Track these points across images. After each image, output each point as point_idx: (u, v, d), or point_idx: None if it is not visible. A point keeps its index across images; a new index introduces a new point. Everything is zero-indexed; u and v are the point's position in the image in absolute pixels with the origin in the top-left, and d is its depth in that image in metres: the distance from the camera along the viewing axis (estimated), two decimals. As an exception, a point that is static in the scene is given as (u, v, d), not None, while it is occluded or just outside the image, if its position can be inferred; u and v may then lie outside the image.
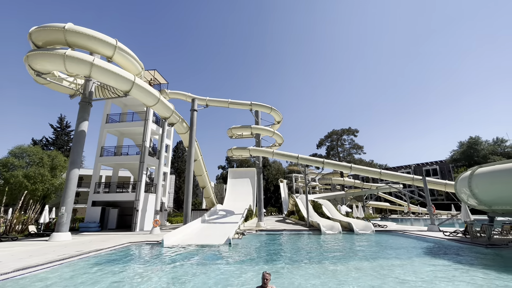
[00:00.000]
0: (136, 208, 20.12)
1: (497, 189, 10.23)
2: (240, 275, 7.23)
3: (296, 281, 6.64)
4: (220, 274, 7.36)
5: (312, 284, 6.38)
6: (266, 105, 24.55)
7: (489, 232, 12.23)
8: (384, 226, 20.40)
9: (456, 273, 7.36)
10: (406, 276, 7.11)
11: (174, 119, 21.21)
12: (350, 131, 55.84)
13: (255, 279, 6.74)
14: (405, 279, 6.79)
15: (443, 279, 6.85)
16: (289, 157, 22.97)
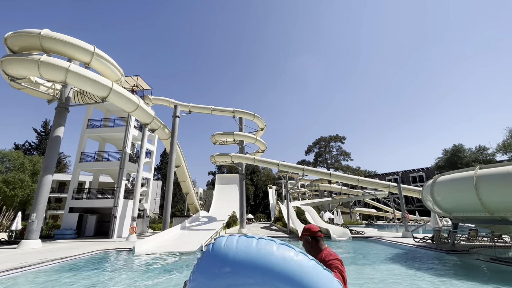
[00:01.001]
0: (114, 215, 19.89)
1: (456, 197, 10.61)
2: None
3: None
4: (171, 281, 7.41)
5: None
6: (249, 112, 24.81)
7: (453, 239, 12.60)
8: (362, 232, 20.67)
9: (406, 278, 7.60)
10: (359, 281, 7.32)
11: (155, 125, 21.22)
12: (338, 138, 56.66)
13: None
14: (356, 283, 6.99)
15: (392, 283, 7.08)
16: (270, 163, 23.18)
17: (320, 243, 2.06)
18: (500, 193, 9.12)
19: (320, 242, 2.06)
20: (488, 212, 9.46)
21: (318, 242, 2.06)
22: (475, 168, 10.00)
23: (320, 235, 2.09)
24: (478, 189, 9.45)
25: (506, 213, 9.12)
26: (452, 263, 9.71)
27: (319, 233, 2.10)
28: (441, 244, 13.15)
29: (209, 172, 78.33)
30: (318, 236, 2.08)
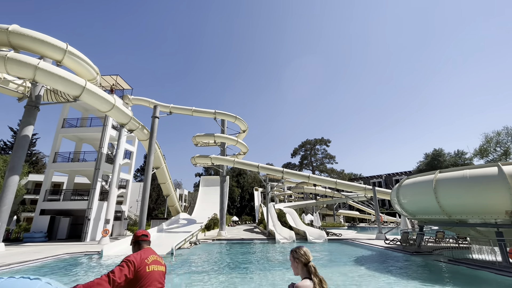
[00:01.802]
0: (87, 217, 19.37)
1: (418, 200, 10.97)
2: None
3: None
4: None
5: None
6: (231, 114, 24.79)
7: (419, 240, 12.97)
8: (339, 234, 20.97)
9: (366, 278, 7.75)
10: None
11: (133, 125, 20.85)
12: (323, 141, 57.44)
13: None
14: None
15: (349, 284, 7.20)
16: (250, 166, 23.21)
17: (141, 246, 2.33)
18: (456, 196, 9.50)
19: (141, 244, 2.33)
20: (446, 215, 9.82)
21: (140, 245, 2.33)
22: (435, 172, 10.37)
23: (143, 239, 2.36)
24: (437, 192, 9.80)
25: (462, 216, 9.49)
26: (412, 264, 10.01)
27: (142, 237, 2.37)
28: (408, 246, 13.52)
29: (196, 174, 77.58)
30: (140, 240, 2.36)
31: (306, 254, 1.94)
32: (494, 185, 8.52)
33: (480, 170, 9.14)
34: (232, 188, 61.48)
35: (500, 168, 8.62)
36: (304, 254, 1.94)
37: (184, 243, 15.88)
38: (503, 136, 47.71)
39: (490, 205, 8.66)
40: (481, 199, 8.86)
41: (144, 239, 2.35)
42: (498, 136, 49.32)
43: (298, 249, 1.98)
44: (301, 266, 1.91)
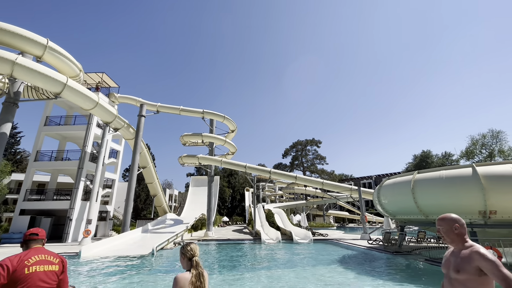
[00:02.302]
0: (69, 217, 18.93)
1: (397, 200, 11.10)
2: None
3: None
4: None
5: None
6: (219, 114, 24.64)
7: (400, 240, 13.11)
8: (325, 235, 21.07)
9: (337, 277, 7.76)
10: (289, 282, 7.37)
11: (118, 124, 20.47)
12: (314, 142, 57.79)
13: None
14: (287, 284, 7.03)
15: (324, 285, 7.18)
16: (237, 166, 23.11)
17: (29, 245, 2.22)
18: (432, 197, 9.63)
19: (29, 244, 2.21)
20: (424, 215, 9.94)
21: (27, 245, 2.22)
22: (414, 173, 10.50)
23: (30, 238, 2.23)
24: (415, 192, 9.92)
25: (438, 215, 9.60)
26: (390, 264, 10.10)
27: (30, 236, 2.25)
28: (390, 246, 13.64)
29: (188, 174, 76.94)
30: (28, 240, 2.24)
31: (192, 250, 2.14)
32: (468, 186, 8.67)
33: (456, 171, 9.29)
34: (223, 188, 61.19)
35: (474, 169, 8.77)
36: (190, 250, 2.14)
37: (167, 244, 15.66)
38: (488, 139, 48.89)
39: (465, 205, 8.81)
40: (456, 199, 9.00)
41: (32, 238, 2.23)
42: (483, 138, 50.54)
43: (186, 245, 2.18)
44: (186, 260, 2.11)
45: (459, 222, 1.97)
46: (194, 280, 1.98)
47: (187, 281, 1.96)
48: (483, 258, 1.72)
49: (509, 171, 8.32)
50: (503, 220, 8.40)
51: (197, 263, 2.08)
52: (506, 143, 46.98)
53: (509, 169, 8.35)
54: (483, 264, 1.71)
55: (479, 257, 1.74)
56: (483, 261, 1.71)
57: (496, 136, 54.73)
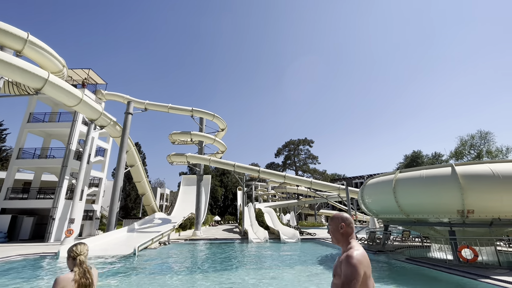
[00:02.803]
0: (52, 217, 18.48)
1: (380, 199, 11.11)
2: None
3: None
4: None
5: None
6: (208, 112, 24.41)
7: (383, 239, 13.15)
8: (313, 234, 21.09)
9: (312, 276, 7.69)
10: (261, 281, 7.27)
11: (104, 121, 20.07)
12: (306, 141, 57.96)
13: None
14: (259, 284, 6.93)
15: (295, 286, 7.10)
16: (226, 164, 22.94)
17: None
18: (413, 196, 9.65)
19: None
20: (405, 214, 9.96)
21: None
22: (396, 172, 10.51)
23: None
24: (396, 192, 9.93)
25: (419, 215, 9.65)
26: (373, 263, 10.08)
27: None
28: (374, 245, 13.67)
29: (180, 173, 76.30)
30: None
31: (76, 250, 2.14)
32: (447, 185, 8.70)
33: (436, 170, 9.32)
34: (215, 187, 60.88)
35: (453, 169, 8.81)
36: (74, 250, 2.14)
37: (151, 243, 15.42)
38: (477, 140, 49.80)
39: (444, 204, 8.84)
40: (436, 198, 9.02)
41: None
42: (472, 139, 51.47)
43: (74, 246, 2.18)
44: (71, 260, 2.11)
45: (346, 221, 1.83)
46: (78, 278, 1.99)
47: (70, 280, 1.97)
48: (345, 262, 1.57)
49: (486, 170, 8.37)
50: (481, 219, 8.45)
51: (81, 261, 2.10)
52: (494, 144, 47.79)
53: (487, 169, 8.40)
54: (343, 268, 1.55)
55: (345, 261, 1.58)
56: (344, 266, 1.55)
57: (484, 137, 55.71)
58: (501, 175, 8.11)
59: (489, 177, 8.21)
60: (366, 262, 1.59)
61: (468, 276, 7.08)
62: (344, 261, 1.58)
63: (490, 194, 8.17)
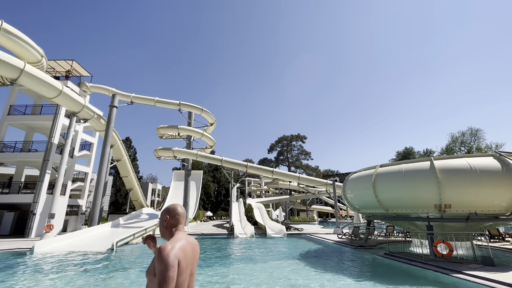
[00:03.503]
0: (32, 212, 18.01)
1: (360, 194, 10.96)
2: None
3: None
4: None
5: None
6: (196, 106, 23.99)
7: (366, 234, 13.07)
8: (300, 229, 21.01)
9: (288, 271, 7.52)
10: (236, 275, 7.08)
11: (87, 114, 19.56)
12: (299, 137, 57.82)
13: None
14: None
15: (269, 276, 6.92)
16: (213, 159, 22.67)
17: None
18: (391, 190, 9.52)
19: None
20: (384, 209, 9.83)
21: None
22: (377, 166, 10.36)
23: None
24: (375, 186, 9.78)
25: (397, 210, 9.53)
26: (349, 257, 10.01)
27: None
28: (357, 240, 13.60)
29: (174, 168, 75.80)
30: None
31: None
32: (425, 179, 8.56)
33: (415, 165, 9.18)
34: (208, 183, 60.58)
35: (432, 163, 8.67)
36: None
37: (133, 239, 15.12)
38: (467, 136, 50.30)
39: (422, 199, 8.71)
40: (414, 193, 8.90)
41: None
42: (463, 136, 51.96)
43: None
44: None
45: (171, 213, 1.66)
46: None
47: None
48: (157, 256, 1.38)
49: (464, 165, 8.25)
50: (458, 214, 8.35)
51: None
52: (484, 141, 48.35)
53: (465, 163, 8.28)
54: (156, 264, 1.36)
55: (157, 255, 1.39)
56: (157, 261, 1.36)
57: (475, 134, 56.26)
58: (479, 170, 7.99)
59: (467, 172, 8.08)
60: (185, 254, 1.41)
61: (440, 271, 6.98)
62: (156, 256, 1.38)
63: (467, 188, 8.05)
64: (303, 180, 21.62)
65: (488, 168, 7.99)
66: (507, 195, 7.82)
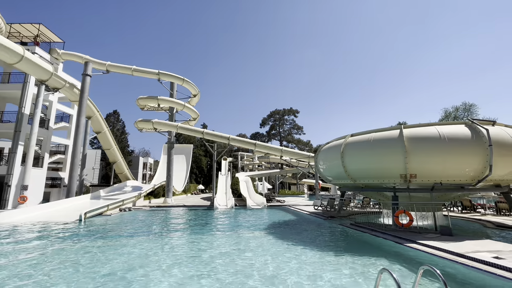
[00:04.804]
0: (7, 184, 17.64)
1: (331, 165, 10.58)
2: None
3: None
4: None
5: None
6: (177, 76, 22.77)
7: (339, 206, 12.98)
8: (282, 201, 21.15)
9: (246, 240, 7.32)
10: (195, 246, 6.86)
11: (57, 83, 18.46)
12: (292, 111, 56.81)
13: None
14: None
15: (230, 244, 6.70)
16: (195, 132, 22.06)
17: None
18: (358, 161, 9.12)
19: None
20: (352, 180, 9.51)
21: None
22: (347, 135, 9.86)
23: None
24: (343, 156, 9.36)
25: (364, 180, 9.21)
26: (315, 227, 9.92)
27: None
28: (332, 211, 13.56)
29: (167, 142, 75.63)
30: None
31: None
32: (392, 148, 8.12)
33: (385, 133, 8.67)
34: (199, 157, 60.63)
35: (401, 131, 8.15)
36: None
37: (107, 210, 14.97)
38: (461, 112, 49.85)
39: (388, 169, 8.35)
40: (381, 163, 8.51)
41: None
42: (456, 111, 51.49)
43: None
44: None
45: None
46: None
47: None
48: None
49: (433, 133, 7.75)
50: (423, 184, 8.04)
51: None
52: (477, 116, 48.11)
53: (434, 131, 7.78)
54: None
55: None
56: None
57: (468, 109, 55.75)
58: (447, 138, 7.52)
59: (435, 140, 7.61)
60: None
61: (396, 241, 6.80)
62: None
63: (433, 157, 7.64)
64: (285, 153, 21.31)
65: (457, 136, 7.52)
66: (474, 164, 7.44)
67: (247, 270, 5.12)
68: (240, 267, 5.33)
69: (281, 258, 5.89)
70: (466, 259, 5.09)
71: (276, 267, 5.25)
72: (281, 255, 6.14)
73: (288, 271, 5.01)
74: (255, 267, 5.31)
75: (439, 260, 5.33)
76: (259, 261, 5.72)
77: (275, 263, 5.52)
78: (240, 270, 5.13)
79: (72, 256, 6.23)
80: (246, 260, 5.77)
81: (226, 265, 5.44)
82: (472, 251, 5.43)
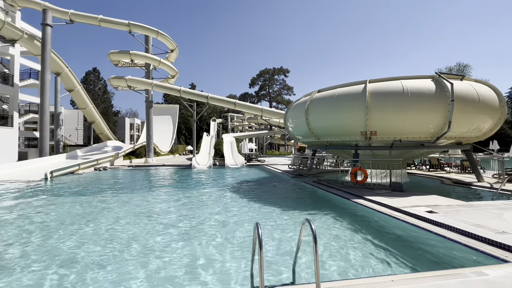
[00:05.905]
0: (-26, 143, 17.05)
1: (297, 123, 10.21)
2: None
3: None
4: None
5: None
6: (149, 27, 20.81)
7: (310, 164, 13.01)
8: (262, 161, 21.32)
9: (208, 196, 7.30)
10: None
11: (12, 33, 16.72)
12: (282, 70, 54.46)
13: None
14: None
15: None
16: (171, 89, 21.01)
17: None
18: (322, 118, 8.78)
19: None
20: (315, 137, 9.28)
21: None
22: (314, 92, 9.33)
23: None
24: (308, 114, 8.98)
25: (328, 138, 8.99)
26: (279, 184, 10.01)
27: None
28: (303, 170, 13.65)
29: (156, 103, 73.44)
30: None
31: None
32: (354, 104, 7.72)
33: (349, 88, 8.17)
34: (187, 118, 59.67)
35: (365, 86, 7.66)
36: None
37: (78, 169, 14.80)
38: (455, 72, 48.79)
39: (350, 125, 8.06)
40: (343, 119, 8.20)
41: None
42: (450, 71, 50.35)
43: None
44: None
45: None
46: None
47: None
48: None
49: (397, 87, 7.29)
50: (383, 141, 7.86)
51: None
52: (470, 77, 47.23)
53: (399, 85, 7.31)
54: None
55: None
56: None
57: (462, 70, 54.47)
58: (410, 92, 7.10)
59: (396, 95, 7.20)
60: None
61: (345, 196, 6.82)
62: None
63: (393, 113, 7.32)
64: (266, 112, 20.76)
65: (420, 91, 7.10)
66: (435, 120, 7.17)
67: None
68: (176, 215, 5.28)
69: (232, 208, 5.94)
70: (402, 213, 5.08)
71: (226, 216, 5.30)
72: (233, 206, 6.20)
73: (237, 217, 5.08)
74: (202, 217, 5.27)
75: (380, 215, 5.30)
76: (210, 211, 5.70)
77: (226, 213, 5.54)
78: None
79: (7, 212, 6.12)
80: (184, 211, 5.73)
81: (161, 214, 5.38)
82: (411, 205, 5.41)
